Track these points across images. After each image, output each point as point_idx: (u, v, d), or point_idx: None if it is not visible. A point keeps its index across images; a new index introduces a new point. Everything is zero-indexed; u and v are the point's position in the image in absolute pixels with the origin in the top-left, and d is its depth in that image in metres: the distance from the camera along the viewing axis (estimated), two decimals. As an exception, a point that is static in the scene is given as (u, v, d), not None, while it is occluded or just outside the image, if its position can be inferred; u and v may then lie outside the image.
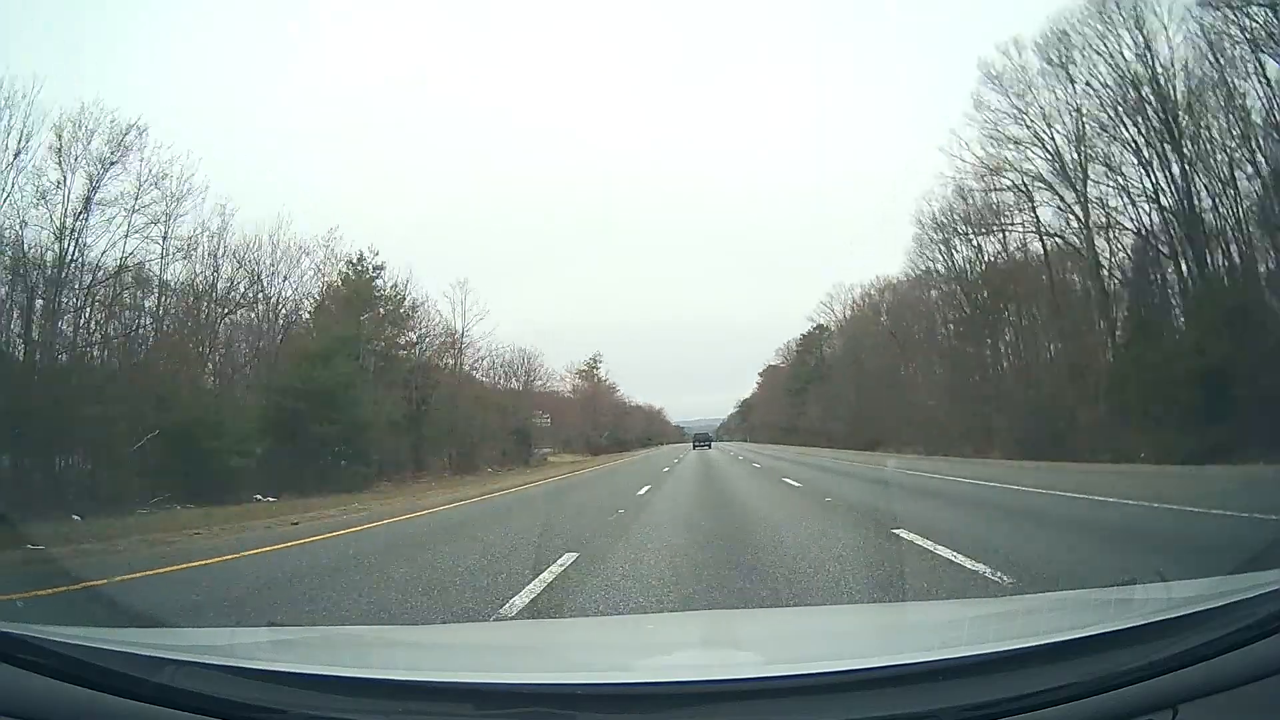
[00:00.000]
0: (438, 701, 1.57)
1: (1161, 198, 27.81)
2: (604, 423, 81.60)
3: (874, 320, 58.34)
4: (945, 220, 38.54)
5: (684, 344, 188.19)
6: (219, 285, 26.35)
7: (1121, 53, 27.89)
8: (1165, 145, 27.16)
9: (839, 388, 62.56)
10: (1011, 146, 32.10)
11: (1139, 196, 28.57)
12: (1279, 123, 23.84)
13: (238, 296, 27.47)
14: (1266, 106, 24.15)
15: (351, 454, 27.63)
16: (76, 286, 21.03)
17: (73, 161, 20.73)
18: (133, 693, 1.55)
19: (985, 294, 37.88)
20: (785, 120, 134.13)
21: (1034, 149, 31.61)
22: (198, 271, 25.31)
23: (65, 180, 20.54)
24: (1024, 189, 32.75)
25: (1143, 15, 27.14)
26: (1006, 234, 35.80)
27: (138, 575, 7.82)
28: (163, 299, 24.26)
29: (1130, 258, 29.97)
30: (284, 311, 30.02)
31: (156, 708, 1.53)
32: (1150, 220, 28.58)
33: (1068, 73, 29.59)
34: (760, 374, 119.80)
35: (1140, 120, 27.89)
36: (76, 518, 14.41)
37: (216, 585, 7.21)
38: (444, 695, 1.59)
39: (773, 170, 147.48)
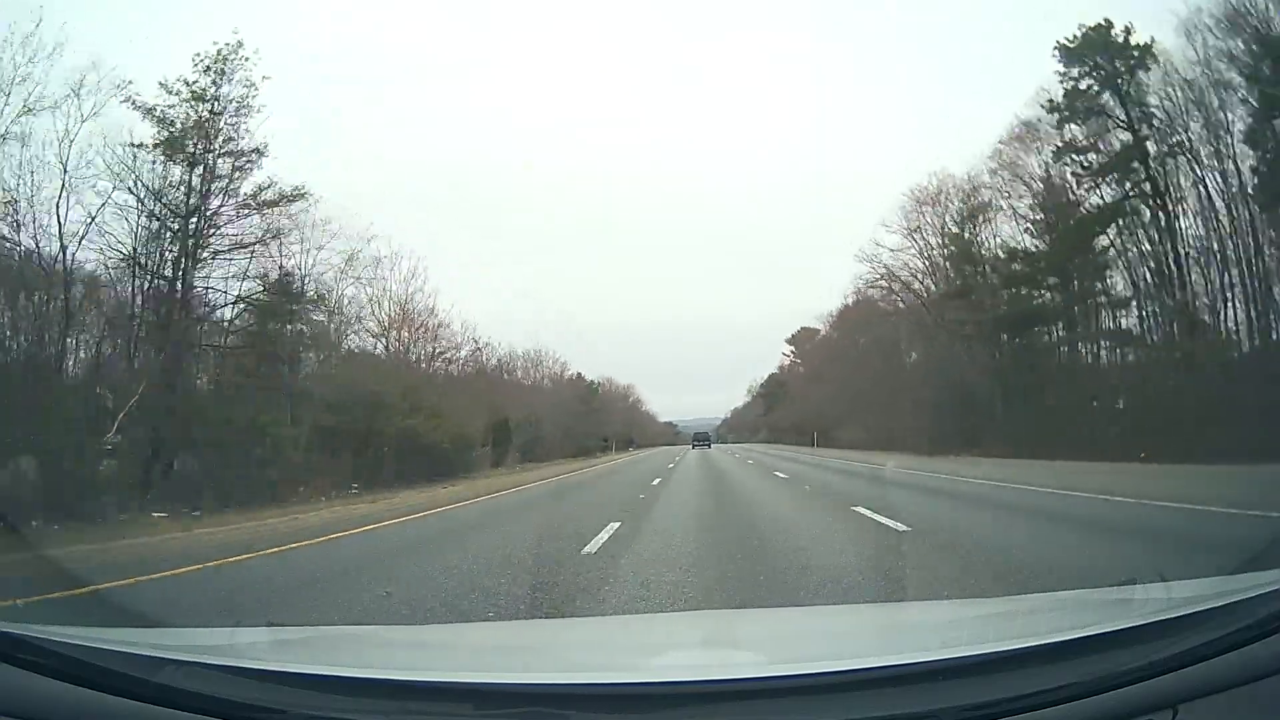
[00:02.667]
0: (438, 701, 1.57)
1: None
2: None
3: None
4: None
5: (683, 344, 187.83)
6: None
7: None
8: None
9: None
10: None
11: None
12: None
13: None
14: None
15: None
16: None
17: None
18: (133, 693, 1.55)
19: None
20: (785, 120, 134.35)
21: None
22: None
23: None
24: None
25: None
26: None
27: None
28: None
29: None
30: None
31: (156, 708, 1.53)
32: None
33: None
34: (790, 341, 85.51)
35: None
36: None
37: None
38: (444, 695, 1.59)
39: (773, 170, 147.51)
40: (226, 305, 22.52)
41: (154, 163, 20.25)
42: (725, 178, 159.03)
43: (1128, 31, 28.50)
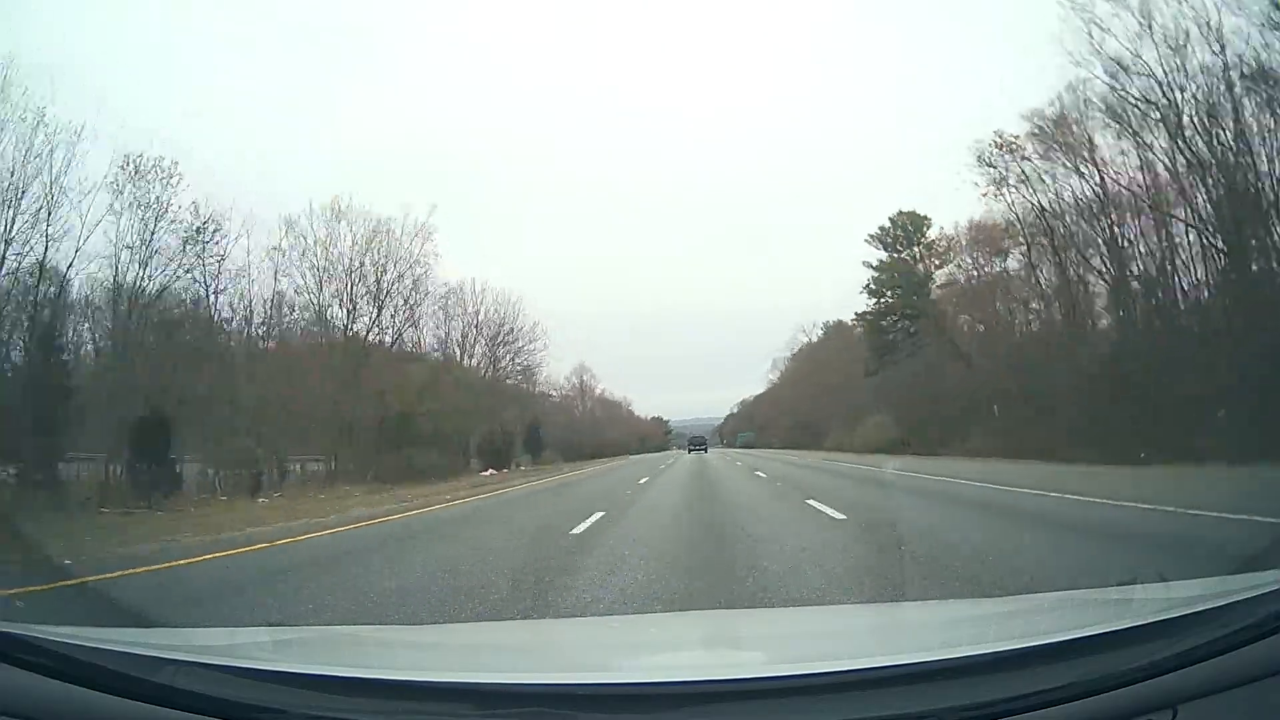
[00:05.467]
0: (438, 701, 1.57)
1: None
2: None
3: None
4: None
5: (684, 344, 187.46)
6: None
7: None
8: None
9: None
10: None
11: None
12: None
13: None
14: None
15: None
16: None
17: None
18: (132, 693, 1.54)
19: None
20: (785, 113, 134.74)
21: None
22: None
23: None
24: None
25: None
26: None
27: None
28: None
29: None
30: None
31: (156, 708, 1.52)
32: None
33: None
34: (880, 239, 49.51)
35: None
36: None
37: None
38: (444, 695, 1.59)
39: (773, 171, 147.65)
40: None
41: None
42: (725, 179, 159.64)
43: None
